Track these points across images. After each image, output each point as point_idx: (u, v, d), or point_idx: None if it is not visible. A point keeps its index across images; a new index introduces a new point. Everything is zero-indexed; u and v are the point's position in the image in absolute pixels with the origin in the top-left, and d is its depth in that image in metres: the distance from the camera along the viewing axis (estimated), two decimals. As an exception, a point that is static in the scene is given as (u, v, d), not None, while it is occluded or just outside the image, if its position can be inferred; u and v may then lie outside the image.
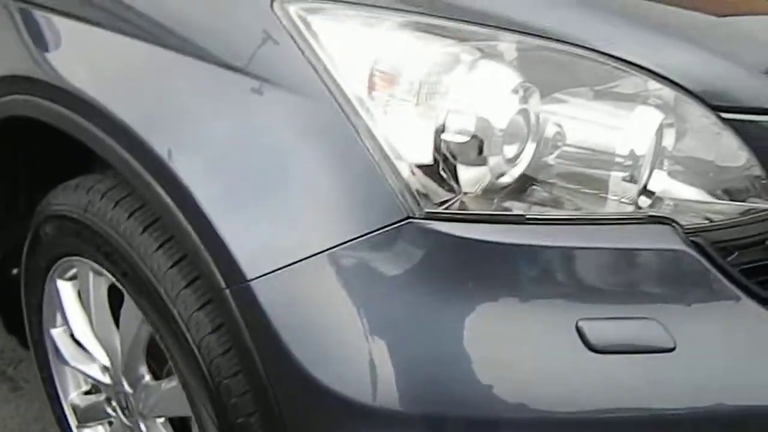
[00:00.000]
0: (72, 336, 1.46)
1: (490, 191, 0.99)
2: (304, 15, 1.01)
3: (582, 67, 1.02)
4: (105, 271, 1.25)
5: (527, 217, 0.96)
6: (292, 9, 1.01)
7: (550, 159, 1.01)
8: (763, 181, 1.05)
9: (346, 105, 0.97)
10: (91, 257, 1.27)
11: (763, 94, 1.04)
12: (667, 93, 1.02)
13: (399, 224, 0.94)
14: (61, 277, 1.41)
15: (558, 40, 1.01)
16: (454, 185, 0.97)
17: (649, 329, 0.95)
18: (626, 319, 0.97)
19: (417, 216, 0.94)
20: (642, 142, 0.98)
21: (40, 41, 1.24)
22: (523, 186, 1.01)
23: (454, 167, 0.97)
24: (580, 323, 0.94)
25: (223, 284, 0.99)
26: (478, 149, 0.95)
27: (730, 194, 1.06)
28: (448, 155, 0.96)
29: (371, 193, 0.96)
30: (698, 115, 1.02)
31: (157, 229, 1.13)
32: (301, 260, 0.95)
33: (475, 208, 0.98)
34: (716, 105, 1.02)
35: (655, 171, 1.03)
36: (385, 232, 0.94)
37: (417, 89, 0.96)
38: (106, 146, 1.11)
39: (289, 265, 0.95)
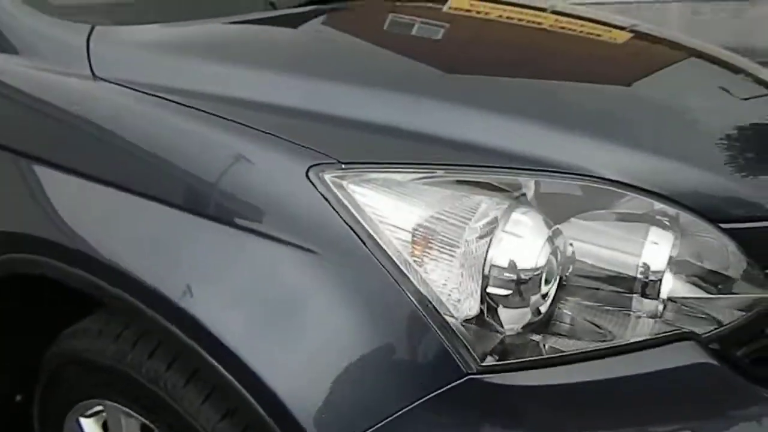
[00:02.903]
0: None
1: (527, 326, 1.05)
2: (339, 181, 1.03)
3: (594, 193, 1.11)
4: (139, 417, 1.26)
5: (570, 354, 1.03)
6: (328, 177, 1.03)
7: (576, 281, 1.09)
8: (761, 276, 1.16)
9: (391, 268, 1.00)
10: (123, 404, 1.27)
11: (753, 203, 1.16)
12: (671, 211, 1.11)
13: (460, 381, 0.98)
14: (83, 414, 1.40)
15: (571, 174, 1.10)
16: (498, 328, 1.03)
17: None
18: None
19: (475, 371, 0.99)
20: (659, 263, 1.07)
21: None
22: (552, 315, 1.08)
23: (496, 310, 1.02)
24: None
25: None
26: (520, 293, 1.01)
27: (732, 290, 1.17)
28: (492, 303, 1.02)
29: (427, 353, 1.00)
30: (700, 228, 1.13)
31: (199, 380, 1.14)
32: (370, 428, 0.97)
33: (517, 343, 1.04)
34: (714, 217, 1.13)
35: (666, 277, 1.12)
36: (447, 391, 0.98)
37: (457, 246, 1.01)
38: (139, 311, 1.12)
39: None
